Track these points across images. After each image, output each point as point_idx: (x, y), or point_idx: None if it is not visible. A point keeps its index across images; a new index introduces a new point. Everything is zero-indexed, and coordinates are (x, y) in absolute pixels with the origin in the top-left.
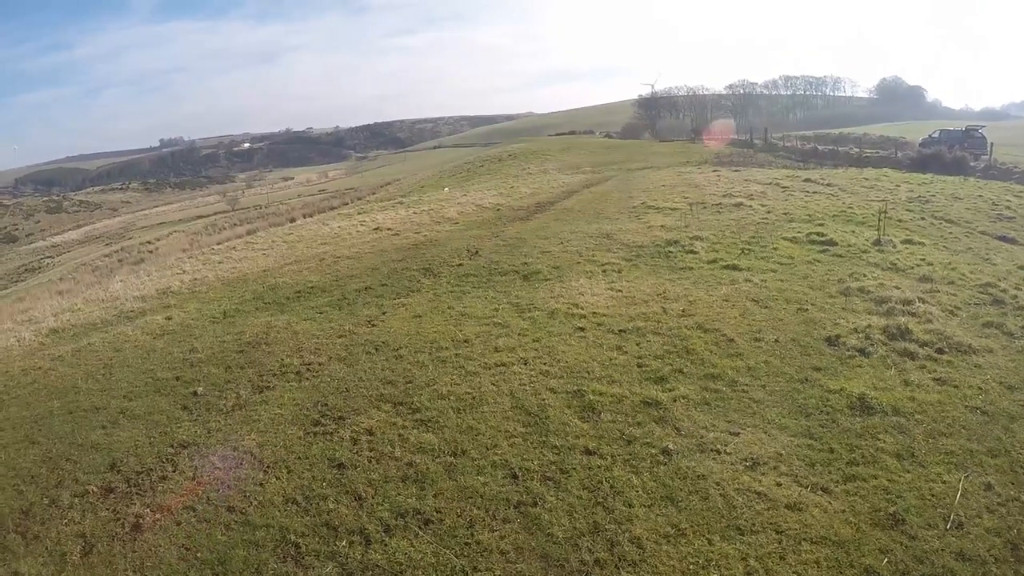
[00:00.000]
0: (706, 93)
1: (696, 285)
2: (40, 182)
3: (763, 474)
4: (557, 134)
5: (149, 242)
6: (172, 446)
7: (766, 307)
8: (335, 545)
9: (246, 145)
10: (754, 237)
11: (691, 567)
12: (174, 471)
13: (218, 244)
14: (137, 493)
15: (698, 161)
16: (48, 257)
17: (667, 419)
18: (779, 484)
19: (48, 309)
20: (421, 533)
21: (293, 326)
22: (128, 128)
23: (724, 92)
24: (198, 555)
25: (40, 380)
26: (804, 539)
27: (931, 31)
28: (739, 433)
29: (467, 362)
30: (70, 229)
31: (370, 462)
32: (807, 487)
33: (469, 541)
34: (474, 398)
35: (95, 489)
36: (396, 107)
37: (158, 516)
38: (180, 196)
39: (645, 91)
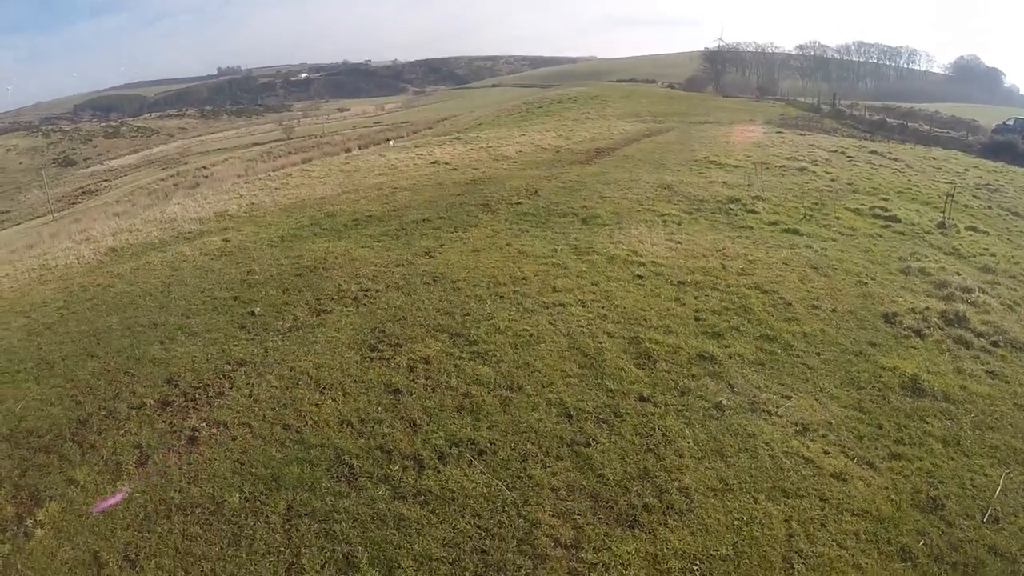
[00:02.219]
0: (775, 51)
1: (756, 245)
2: (99, 108)
3: (812, 440)
4: (619, 80)
5: (205, 167)
6: (229, 363)
7: (825, 275)
8: (388, 469)
9: (303, 75)
10: (816, 203)
11: (735, 522)
12: (231, 387)
13: (274, 171)
14: (194, 407)
15: (762, 120)
16: (105, 180)
17: (721, 375)
18: (826, 452)
19: (106, 229)
20: (475, 463)
21: (351, 253)
22: (187, 57)
23: (794, 52)
24: (252, 470)
25: (99, 296)
26: (846, 510)
27: (1017, 12)
28: (791, 397)
29: (525, 299)
30: (127, 154)
31: (426, 390)
32: (853, 459)
33: (521, 475)
34: (531, 335)
35: (152, 402)
36: (456, 44)
37: (214, 430)
38: (236, 123)
39: (712, 44)
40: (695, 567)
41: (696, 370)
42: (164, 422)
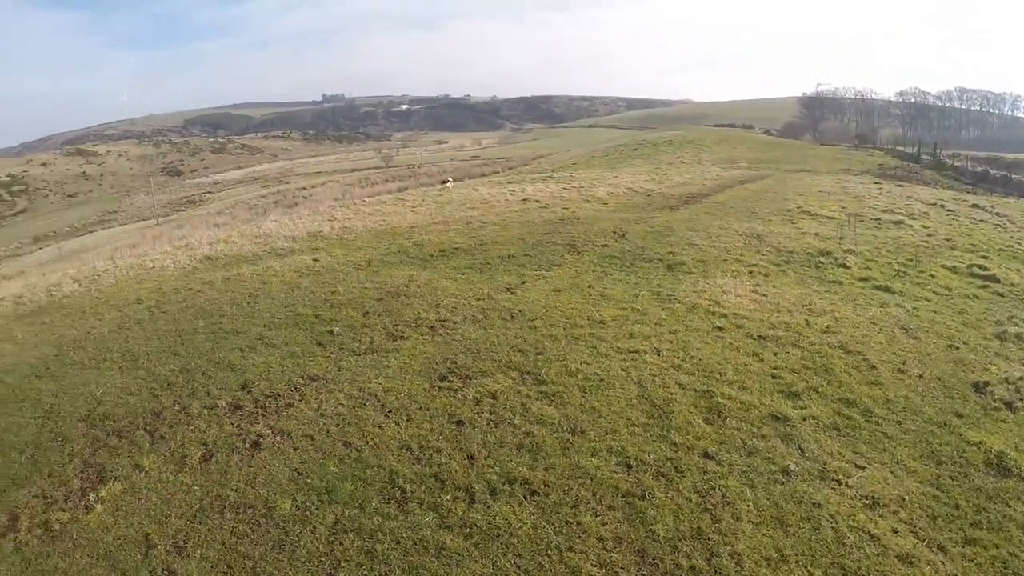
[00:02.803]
0: (875, 98)
1: (844, 302)
2: (207, 124)
3: (881, 516)
4: (716, 125)
5: (304, 188)
6: (302, 377)
7: (915, 338)
8: (439, 497)
9: (404, 106)
10: (911, 259)
11: None
12: (300, 400)
13: (369, 197)
14: (262, 414)
15: (859, 170)
16: (208, 192)
17: (793, 437)
18: (895, 531)
19: (204, 238)
20: (525, 502)
21: (433, 283)
22: (290, 81)
23: (894, 99)
24: (307, 480)
25: (189, 300)
26: None
27: None
28: (864, 467)
29: (600, 343)
30: (231, 169)
31: (488, 424)
32: (923, 540)
33: (570, 520)
34: (602, 380)
35: (224, 404)
36: (555, 81)
37: (278, 438)
38: (337, 149)
39: (809, 89)
40: None
41: (767, 430)
42: (232, 424)
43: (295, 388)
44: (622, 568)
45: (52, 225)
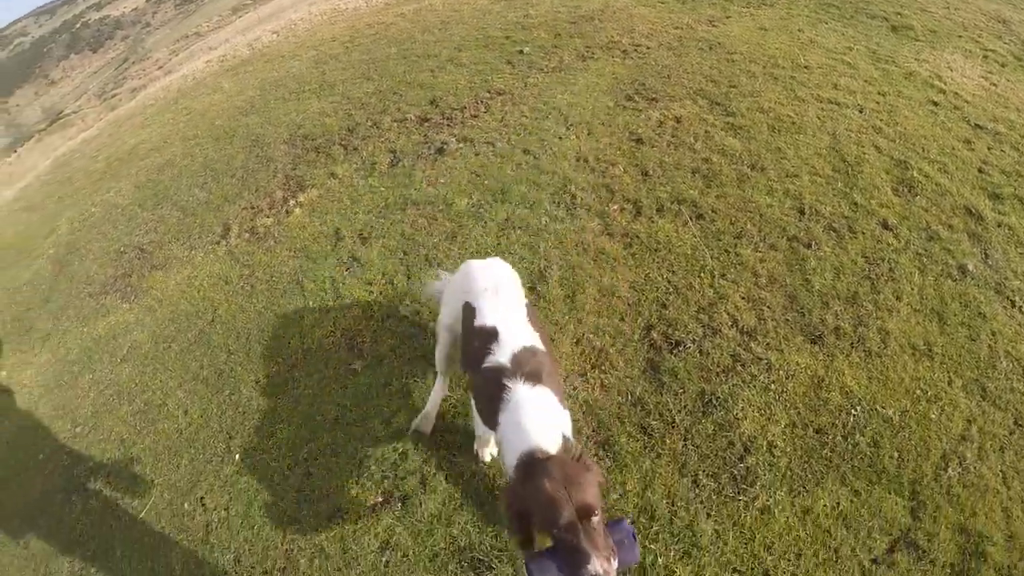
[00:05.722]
0: None
1: None
2: None
3: None
4: None
5: None
6: (489, 92)
7: None
8: (607, 206)
9: None
10: None
11: (916, 392)
12: (485, 112)
13: None
14: (448, 125)
15: None
16: None
17: (982, 239)
18: None
19: None
20: (689, 224)
21: (630, 9)
22: None
23: None
24: (485, 182)
25: (381, 32)
26: None
27: None
28: None
29: (800, 87)
30: None
31: (668, 146)
32: None
33: (730, 250)
34: (794, 123)
35: (413, 118)
36: None
37: (461, 145)
38: None
39: None
40: (853, 411)
41: (957, 222)
42: (420, 135)
43: (481, 101)
44: (768, 307)
45: None
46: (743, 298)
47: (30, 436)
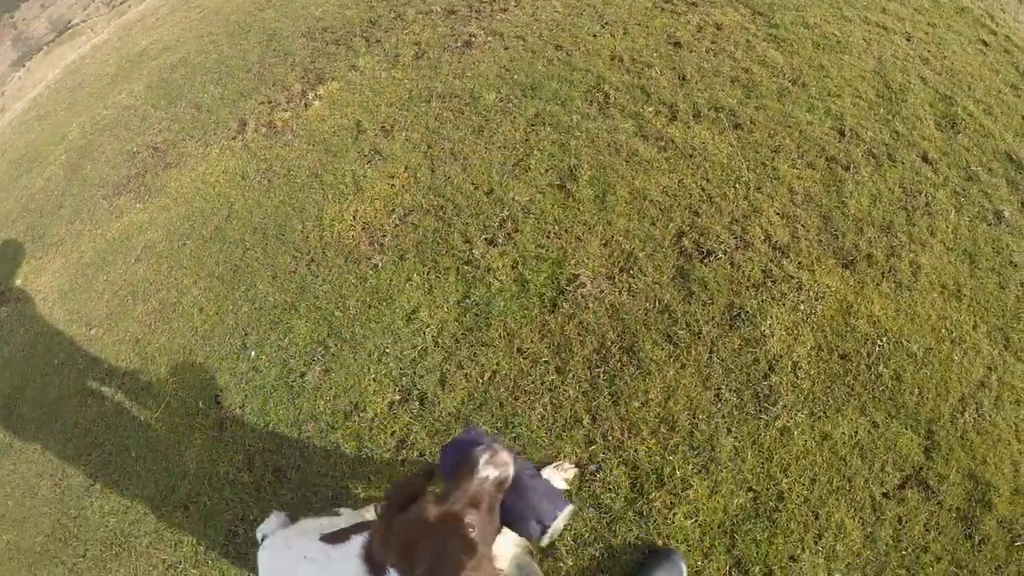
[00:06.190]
0: None
1: None
2: None
3: None
4: None
5: None
6: None
7: None
8: (642, 108)
9: None
10: None
11: (944, 328)
12: (516, 5)
13: None
14: (476, 17)
15: None
16: None
17: (1020, 187)
18: None
19: None
20: (727, 132)
21: None
22: None
23: None
24: (514, 76)
25: None
26: None
27: None
28: None
29: (847, 7)
30: None
31: (707, 52)
32: None
33: (767, 163)
34: (839, 42)
35: (439, 9)
36: None
37: (489, 39)
38: None
39: None
40: (879, 341)
41: (997, 166)
42: (446, 27)
43: None
44: (802, 225)
45: None
46: (777, 214)
47: (46, 342)
